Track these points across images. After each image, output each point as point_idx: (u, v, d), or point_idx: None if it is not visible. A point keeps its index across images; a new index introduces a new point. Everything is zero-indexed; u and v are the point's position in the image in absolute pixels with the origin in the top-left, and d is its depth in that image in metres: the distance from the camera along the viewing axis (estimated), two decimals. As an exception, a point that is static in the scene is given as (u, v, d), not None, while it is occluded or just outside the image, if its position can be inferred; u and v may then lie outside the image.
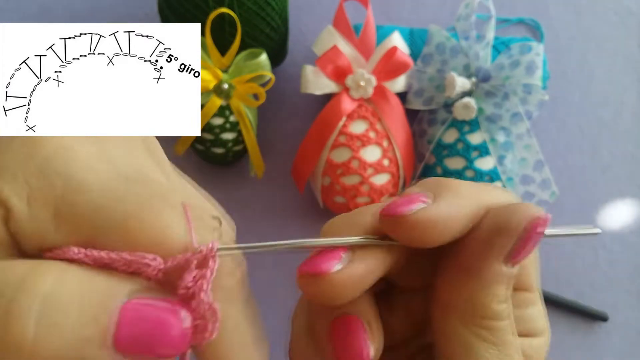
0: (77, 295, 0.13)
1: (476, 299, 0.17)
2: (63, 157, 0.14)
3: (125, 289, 0.14)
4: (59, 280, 0.13)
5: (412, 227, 0.17)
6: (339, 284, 0.17)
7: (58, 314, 0.12)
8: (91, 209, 0.14)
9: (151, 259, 0.14)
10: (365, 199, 0.44)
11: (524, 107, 0.44)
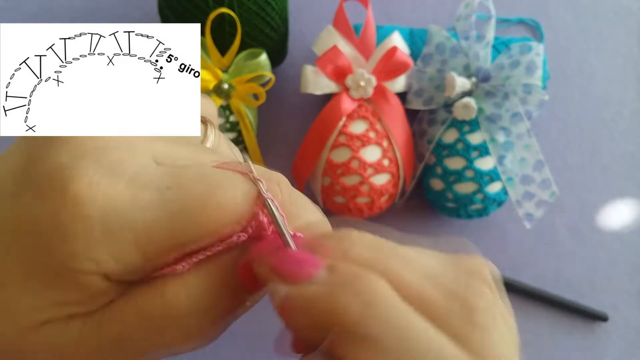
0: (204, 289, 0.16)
1: None
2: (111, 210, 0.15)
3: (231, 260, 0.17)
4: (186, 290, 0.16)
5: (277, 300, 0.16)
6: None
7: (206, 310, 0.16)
8: (165, 235, 0.16)
9: (236, 237, 0.17)
10: (365, 199, 0.44)
11: (524, 107, 0.44)
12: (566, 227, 0.50)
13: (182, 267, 0.16)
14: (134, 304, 0.16)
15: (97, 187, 0.15)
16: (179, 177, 0.16)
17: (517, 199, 0.45)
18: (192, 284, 0.16)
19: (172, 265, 0.16)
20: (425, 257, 0.17)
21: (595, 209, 0.51)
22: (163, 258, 0.16)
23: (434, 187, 0.46)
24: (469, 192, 0.44)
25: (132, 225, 0.15)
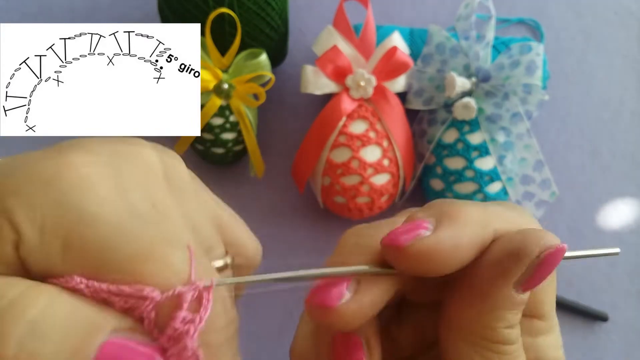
0: (62, 326, 0.13)
1: (484, 321, 0.17)
2: (81, 189, 0.14)
3: (110, 325, 0.14)
4: (48, 306, 0.13)
5: (413, 258, 0.17)
6: (346, 315, 0.17)
7: (39, 342, 0.13)
8: (99, 245, 0.14)
9: (149, 290, 0.14)
10: (365, 199, 0.44)
11: (524, 107, 0.44)
12: (566, 227, 0.50)
13: (80, 281, 0.14)
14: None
15: (89, 168, 0.15)
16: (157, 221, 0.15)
17: (517, 199, 0.45)
18: (59, 307, 0.13)
19: (83, 280, 0.14)
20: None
21: (595, 209, 0.51)
22: (78, 268, 0.14)
23: (434, 187, 0.46)
24: (469, 192, 0.44)
25: (82, 210, 0.14)
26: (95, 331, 0.13)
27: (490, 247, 0.18)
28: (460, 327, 0.18)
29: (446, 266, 0.17)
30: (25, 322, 0.12)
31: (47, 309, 0.13)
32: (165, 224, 0.15)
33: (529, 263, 0.17)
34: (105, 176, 0.15)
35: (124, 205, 0.15)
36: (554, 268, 0.17)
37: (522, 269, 0.17)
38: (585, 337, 0.48)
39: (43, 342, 0.13)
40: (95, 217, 0.14)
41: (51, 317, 0.13)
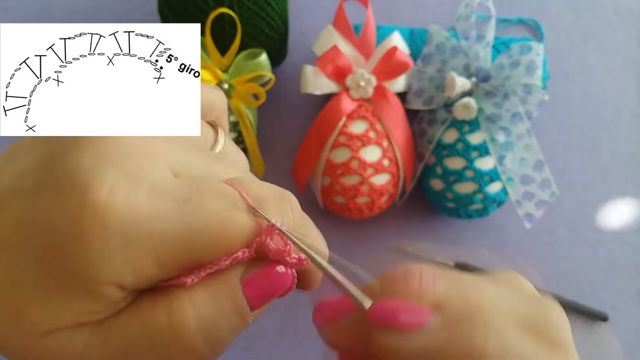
0: (214, 309, 0.16)
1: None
2: (130, 221, 0.15)
3: (236, 280, 0.17)
4: (195, 308, 0.16)
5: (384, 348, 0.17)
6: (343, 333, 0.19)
7: (213, 330, 0.16)
8: (181, 248, 0.16)
9: (242, 253, 0.17)
10: (365, 199, 0.44)
11: (524, 107, 0.44)
12: (566, 227, 0.50)
13: (191, 280, 0.16)
14: (141, 318, 0.16)
15: (118, 194, 0.15)
16: (197, 190, 0.16)
17: (517, 199, 0.45)
18: (200, 300, 0.16)
19: (182, 278, 0.16)
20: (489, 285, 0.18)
21: (595, 209, 0.51)
22: (178, 270, 0.16)
23: (434, 187, 0.46)
24: (469, 192, 0.44)
25: (150, 236, 0.15)
26: (233, 289, 0.17)
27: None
28: None
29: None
30: (193, 325, 0.16)
31: (194, 308, 0.16)
32: (199, 187, 0.17)
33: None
34: (130, 189, 0.15)
35: (166, 202, 0.16)
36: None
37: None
38: (585, 337, 0.48)
39: (214, 325, 0.16)
40: (160, 231, 0.15)
41: (201, 309, 0.16)
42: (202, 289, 0.17)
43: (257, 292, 0.17)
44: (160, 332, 0.16)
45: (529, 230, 0.47)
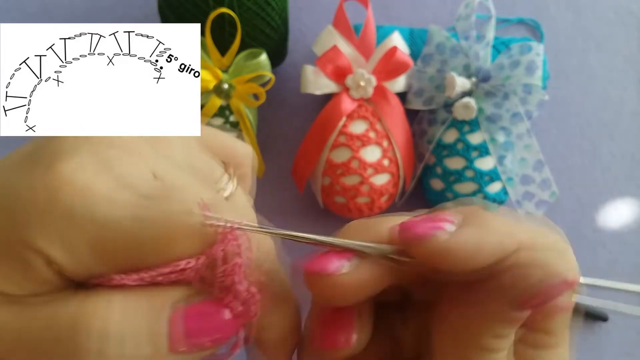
0: (127, 324, 0.14)
1: (475, 329, 0.17)
2: (82, 198, 0.14)
3: (168, 303, 0.15)
4: (107, 314, 0.14)
5: (432, 251, 0.16)
6: (343, 286, 0.17)
7: (115, 347, 0.14)
8: (123, 240, 0.15)
9: (185, 263, 0.15)
10: (366, 199, 0.44)
11: (524, 107, 0.44)
12: (566, 227, 0.50)
13: (119, 278, 0.15)
14: (53, 305, 0.15)
15: (81, 173, 0.15)
16: (165, 192, 0.15)
17: (517, 199, 0.45)
18: (117, 306, 0.14)
19: (113, 275, 0.15)
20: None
21: (595, 209, 0.51)
22: (115, 267, 0.15)
23: (434, 187, 0.46)
24: (469, 192, 0.44)
25: (95, 218, 0.14)
26: (158, 315, 0.15)
27: (504, 262, 0.17)
28: (450, 326, 0.18)
29: (461, 266, 0.16)
30: (95, 336, 0.14)
31: (106, 315, 0.14)
32: (171, 190, 0.16)
33: (533, 294, 0.16)
34: (97, 171, 0.15)
35: (129, 195, 0.15)
36: (555, 298, 0.16)
37: (525, 297, 0.16)
38: (585, 337, 0.48)
39: (117, 346, 0.14)
40: (107, 217, 0.14)
41: (114, 321, 0.14)
42: (124, 297, 0.15)
43: (185, 325, 0.15)
44: (59, 323, 0.14)
45: (529, 230, 0.47)
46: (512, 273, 0.16)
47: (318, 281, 0.17)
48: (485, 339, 0.17)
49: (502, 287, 0.16)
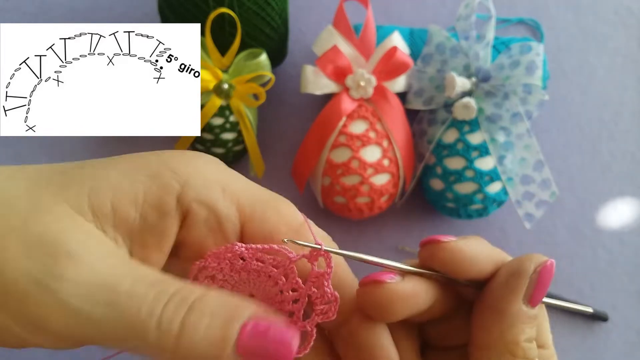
0: (213, 307, 0.17)
1: (507, 337, 0.20)
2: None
3: (249, 311, 0.17)
4: (201, 295, 0.17)
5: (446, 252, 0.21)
6: (394, 293, 0.21)
7: (196, 319, 0.16)
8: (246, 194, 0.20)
9: (289, 251, 0.19)
10: (366, 199, 0.44)
11: (524, 107, 0.44)
12: (566, 227, 0.50)
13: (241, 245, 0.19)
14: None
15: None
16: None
17: (517, 199, 0.45)
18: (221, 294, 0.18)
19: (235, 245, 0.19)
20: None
21: (595, 209, 0.51)
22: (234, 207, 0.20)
23: (434, 187, 0.46)
24: (469, 192, 0.44)
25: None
26: (238, 313, 0.17)
27: (497, 273, 0.22)
28: (487, 346, 0.21)
29: (471, 266, 0.21)
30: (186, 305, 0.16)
31: (202, 295, 0.17)
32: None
33: (530, 278, 0.21)
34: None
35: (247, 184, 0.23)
36: (550, 281, 0.21)
37: (525, 284, 0.21)
38: (585, 337, 0.48)
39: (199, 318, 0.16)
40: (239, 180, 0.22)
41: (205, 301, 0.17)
42: (219, 293, 0.17)
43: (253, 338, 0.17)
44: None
45: (529, 230, 0.47)
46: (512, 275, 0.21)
47: (372, 290, 0.21)
48: (523, 345, 0.20)
49: (511, 289, 0.21)
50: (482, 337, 0.21)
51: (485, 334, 0.21)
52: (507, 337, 0.20)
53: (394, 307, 0.21)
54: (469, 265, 0.21)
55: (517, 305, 0.20)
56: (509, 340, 0.20)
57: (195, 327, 0.16)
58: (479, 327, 0.22)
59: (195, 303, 0.16)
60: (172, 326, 0.16)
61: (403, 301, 0.21)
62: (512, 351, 0.20)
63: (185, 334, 0.16)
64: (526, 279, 0.21)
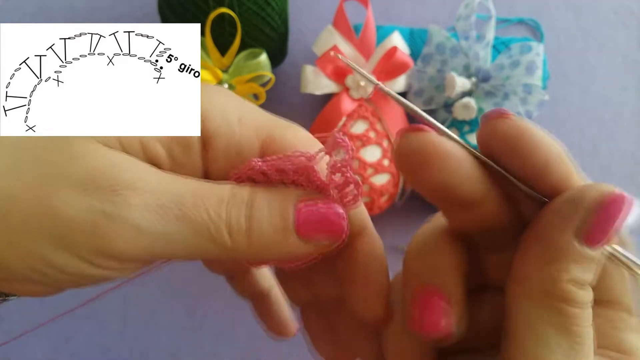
0: (266, 199, 0.18)
1: (546, 272, 0.16)
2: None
3: (296, 193, 0.19)
4: (252, 192, 0.18)
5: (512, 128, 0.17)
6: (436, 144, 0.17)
7: (258, 213, 0.18)
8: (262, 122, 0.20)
9: (308, 154, 0.19)
10: (365, 199, 0.44)
11: (524, 107, 0.44)
12: (566, 227, 0.50)
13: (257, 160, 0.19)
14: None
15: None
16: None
17: (517, 199, 0.45)
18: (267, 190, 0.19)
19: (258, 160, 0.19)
20: None
21: (595, 209, 0.51)
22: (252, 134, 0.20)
23: (434, 187, 0.46)
24: (469, 192, 0.44)
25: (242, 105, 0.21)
26: (289, 200, 0.19)
27: (555, 198, 0.17)
28: (524, 280, 0.17)
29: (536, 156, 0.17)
30: (245, 204, 0.18)
31: (252, 192, 0.18)
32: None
33: (587, 209, 0.16)
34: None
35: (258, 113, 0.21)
36: (616, 220, 0.17)
37: (580, 215, 0.16)
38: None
39: (260, 213, 0.18)
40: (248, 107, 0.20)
41: (257, 197, 0.18)
42: (265, 189, 0.19)
43: (308, 216, 0.18)
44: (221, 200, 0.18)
45: (529, 230, 0.47)
46: (567, 202, 0.17)
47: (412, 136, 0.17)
48: (564, 285, 0.16)
49: (562, 218, 0.17)
50: (521, 268, 0.17)
51: (524, 264, 0.17)
52: (547, 271, 0.16)
53: (433, 160, 0.17)
54: (535, 156, 0.17)
55: (566, 237, 0.16)
56: (548, 275, 0.16)
57: (259, 220, 0.18)
58: (519, 256, 0.18)
59: (251, 200, 0.18)
60: (240, 223, 0.18)
61: (445, 159, 0.17)
62: (549, 289, 0.16)
63: (253, 227, 0.18)
64: (582, 210, 0.16)
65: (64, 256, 0.16)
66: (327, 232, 0.19)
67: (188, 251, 0.17)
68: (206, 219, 0.17)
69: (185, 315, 0.47)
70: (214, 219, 0.17)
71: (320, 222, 0.18)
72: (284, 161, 0.19)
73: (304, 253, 0.19)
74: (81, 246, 0.16)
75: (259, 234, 0.18)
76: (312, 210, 0.19)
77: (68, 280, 0.17)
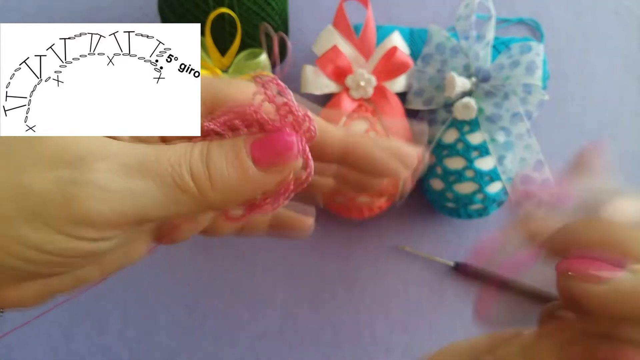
0: (221, 145, 0.19)
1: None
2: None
3: (243, 139, 0.19)
4: (207, 143, 0.19)
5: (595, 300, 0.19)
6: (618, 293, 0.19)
7: (214, 156, 0.19)
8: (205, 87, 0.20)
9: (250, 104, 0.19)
10: (365, 199, 0.44)
11: (524, 107, 0.44)
12: (566, 227, 0.50)
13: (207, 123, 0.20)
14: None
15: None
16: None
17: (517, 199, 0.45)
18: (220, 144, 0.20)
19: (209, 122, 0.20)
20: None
21: (595, 209, 0.51)
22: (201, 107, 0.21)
23: (434, 187, 0.46)
24: (469, 192, 0.44)
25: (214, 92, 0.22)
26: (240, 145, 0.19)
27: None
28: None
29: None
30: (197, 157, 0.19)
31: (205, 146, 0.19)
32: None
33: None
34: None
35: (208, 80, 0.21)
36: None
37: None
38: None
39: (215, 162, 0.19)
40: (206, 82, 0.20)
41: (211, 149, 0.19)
42: (217, 142, 0.19)
43: (261, 146, 0.19)
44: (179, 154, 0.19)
45: (529, 230, 0.47)
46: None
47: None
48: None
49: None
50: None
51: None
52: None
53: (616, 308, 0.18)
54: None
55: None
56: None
57: (216, 162, 0.19)
58: None
59: (207, 148, 0.19)
60: (199, 169, 0.18)
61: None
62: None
63: (212, 169, 0.19)
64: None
65: (42, 232, 0.16)
66: (283, 155, 0.19)
67: (159, 207, 0.18)
68: (169, 170, 0.18)
69: (185, 315, 0.47)
70: (176, 169, 0.18)
71: (272, 145, 0.19)
72: (229, 116, 0.20)
73: (269, 184, 0.20)
74: (56, 217, 0.16)
75: (220, 176, 0.19)
76: (263, 141, 0.19)
77: (50, 261, 0.17)
